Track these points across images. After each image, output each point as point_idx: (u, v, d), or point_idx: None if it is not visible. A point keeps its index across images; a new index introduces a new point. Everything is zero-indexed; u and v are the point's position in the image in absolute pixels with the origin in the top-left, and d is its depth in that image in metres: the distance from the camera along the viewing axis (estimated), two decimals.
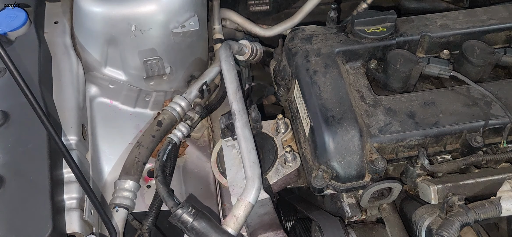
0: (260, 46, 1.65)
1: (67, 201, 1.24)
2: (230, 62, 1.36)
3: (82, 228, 1.22)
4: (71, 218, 1.22)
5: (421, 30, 1.33)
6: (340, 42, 1.32)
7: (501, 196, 1.04)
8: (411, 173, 1.18)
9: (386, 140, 1.16)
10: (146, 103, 1.62)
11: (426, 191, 1.11)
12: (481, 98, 1.21)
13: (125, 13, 1.44)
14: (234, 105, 1.29)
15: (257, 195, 1.17)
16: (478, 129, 1.17)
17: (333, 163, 1.15)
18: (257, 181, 1.16)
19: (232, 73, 1.33)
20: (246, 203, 1.14)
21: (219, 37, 1.69)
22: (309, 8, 1.80)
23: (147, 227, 1.35)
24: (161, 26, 1.48)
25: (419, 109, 1.20)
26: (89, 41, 1.54)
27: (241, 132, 1.24)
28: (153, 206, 1.39)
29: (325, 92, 1.21)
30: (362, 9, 1.87)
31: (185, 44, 1.56)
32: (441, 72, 1.24)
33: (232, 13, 1.80)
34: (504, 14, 1.36)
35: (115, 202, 1.37)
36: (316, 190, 1.17)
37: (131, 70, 1.59)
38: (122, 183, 1.39)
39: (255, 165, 1.19)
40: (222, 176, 1.38)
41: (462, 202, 1.06)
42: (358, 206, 1.21)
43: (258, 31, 1.81)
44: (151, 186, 1.48)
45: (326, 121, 1.16)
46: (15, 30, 1.47)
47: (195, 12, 1.51)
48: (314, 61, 1.28)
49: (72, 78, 1.49)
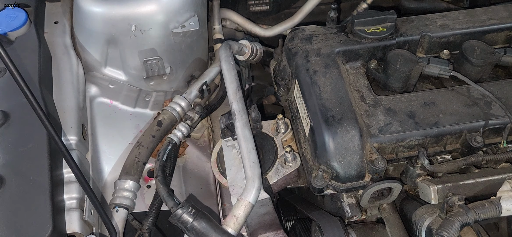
0: (260, 46, 1.65)
1: (67, 201, 1.24)
2: (230, 62, 1.36)
3: (82, 228, 1.22)
4: (71, 218, 1.22)
5: (421, 30, 1.33)
6: (340, 42, 1.32)
7: (501, 196, 1.04)
8: (411, 173, 1.18)
9: (386, 140, 1.16)
10: (146, 103, 1.62)
11: (426, 191, 1.11)
12: (481, 98, 1.21)
13: (125, 13, 1.44)
14: (234, 105, 1.29)
15: (257, 195, 1.17)
16: (478, 129, 1.17)
17: (333, 163, 1.15)
18: (257, 181, 1.17)
19: (232, 73, 1.34)
20: (246, 203, 1.14)
21: (219, 37, 1.69)
22: (309, 8, 1.80)
23: (147, 227, 1.35)
24: (161, 26, 1.48)
25: (419, 109, 1.20)
26: (89, 41, 1.54)
27: (241, 132, 1.24)
28: (153, 206, 1.39)
29: (325, 92, 1.21)
30: (362, 9, 1.87)
31: (185, 44, 1.56)
32: (441, 72, 1.24)
33: (232, 13, 1.80)
34: (504, 14, 1.36)
35: (115, 202, 1.37)
36: (316, 190, 1.17)
37: (131, 70, 1.59)
38: (122, 183, 1.39)
39: (255, 165, 1.19)
40: (222, 176, 1.39)
41: (462, 202, 1.06)
42: (358, 206, 1.21)
43: (258, 31, 1.81)
44: (151, 186, 1.48)
45: (326, 121, 1.16)
46: (15, 30, 1.47)
47: (195, 12, 1.51)
48: (314, 61, 1.28)
49: (72, 78, 1.49)
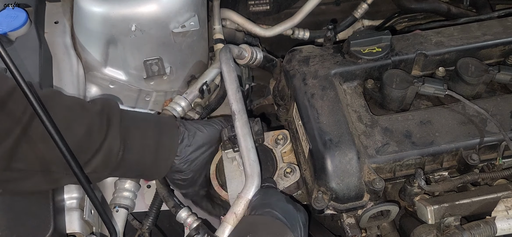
0: (260, 50, 1.67)
1: (67, 201, 1.26)
2: (230, 64, 1.37)
3: (82, 228, 1.24)
4: (71, 218, 1.23)
5: (416, 49, 1.35)
6: (337, 63, 1.35)
7: (496, 216, 1.07)
8: (409, 192, 1.21)
9: (384, 160, 1.18)
10: (146, 103, 1.63)
11: (423, 211, 1.14)
12: (477, 115, 1.23)
13: (125, 13, 1.45)
14: (234, 105, 1.29)
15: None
16: (474, 146, 1.19)
17: (332, 185, 1.18)
18: (257, 178, 1.17)
19: (232, 75, 1.35)
20: (246, 200, 1.15)
21: (220, 37, 1.70)
22: (309, 8, 1.81)
23: (147, 227, 1.38)
24: (162, 26, 1.48)
25: (415, 128, 1.22)
26: (89, 41, 1.54)
27: (241, 131, 1.25)
28: (153, 206, 1.42)
29: (323, 115, 1.24)
30: (362, 9, 1.89)
31: (186, 44, 1.57)
32: (436, 91, 1.26)
33: (232, 13, 1.80)
34: (499, 29, 1.38)
35: (115, 202, 1.39)
36: (317, 211, 1.20)
37: (131, 70, 1.60)
38: (122, 183, 1.42)
39: (254, 163, 1.20)
40: (222, 188, 1.39)
41: (458, 222, 1.09)
42: (357, 226, 1.23)
43: (258, 31, 1.82)
44: (151, 186, 1.50)
45: (324, 144, 1.19)
46: (15, 30, 1.47)
47: (196, 12, 1.52)
48: (312, 84, 1.30)
49: (72, 78, 1.50)
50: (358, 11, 1.87)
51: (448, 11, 1.94)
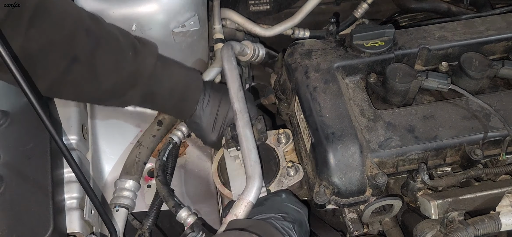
0: (262, 47, 1.66)
1: (68, 201, 1.25)
2: (232, 62, 1.36)
3: (83, 228, 1.24)
4: (72, 218, 1.23)
5: (419, 43, 1.34)
6: (339, 57, 1.33)
7: (501, 211, 1.05)
8: (411, 187, 1.19)
9: (386, 155, 1.17)
10: None
11: (426, 206, 1.13)
12: (480, 110, 1.22)
13: (125, 13, 1.43)
14: (236, 104, 1.29)
15: (258, 194, 1.17)
16: (477, 141, 1.18)
17: (334, 180, 1.16)
18: (258, 180, 1.16)
19: (234, 73, 1.34)
20: (247, 202, 1.14)
21: (220, 36, 1.68)
22: (309, 8, 1.79)
23: (147, 226, 1.37)
24: (162, 26, 1.47)
25: (418, 123, 1.21)
26: None
27: (242, 131, 1.24)
28: (154, 206, 1.40)
29: (325, 108, 1.22)
30: (363, 9, 1.87)
31: (186, 44, 1.56)
32: (439, 86, 1.25)
33: (232, 13, 1.78)
34: (502, 25, 1.37)
35: (116, 202, 1.38)
36: (318, 206, 1.19)
37: None
38: (123, 183, 1.41)
39: (255, 164, 1.19)
40: (224, 187, 1.38)
41: (462, 217, 1.07)
42: (359, 221, 1.22)
43: (258, 31, 1.80)
44: (152, 186, 1.49)
45: (327, 138, 1.17)
46: None
47: (196, 11, 1.51)
48: (314, 77, 1.29)
49: None
50: (358, 11, 1.86)
51: (449, 11, 1.93)
